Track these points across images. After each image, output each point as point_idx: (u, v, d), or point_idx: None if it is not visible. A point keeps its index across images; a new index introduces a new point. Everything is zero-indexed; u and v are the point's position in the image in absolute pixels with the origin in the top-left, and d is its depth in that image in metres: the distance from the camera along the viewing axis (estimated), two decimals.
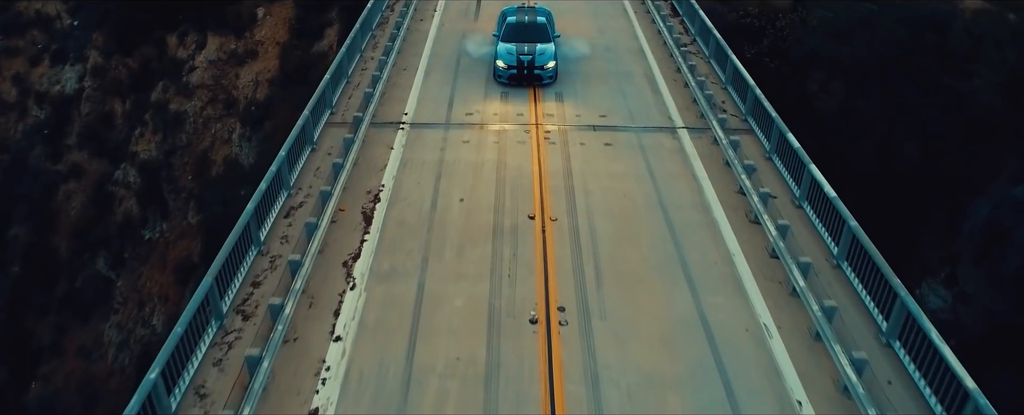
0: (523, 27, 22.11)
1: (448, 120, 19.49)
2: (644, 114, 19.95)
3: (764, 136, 18.23)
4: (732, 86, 21.12)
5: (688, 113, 20.02)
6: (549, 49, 21.52)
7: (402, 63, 23.06)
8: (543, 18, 22.67)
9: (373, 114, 19.39)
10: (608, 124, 19.33)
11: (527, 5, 24.23)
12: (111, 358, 40.85)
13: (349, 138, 17.41)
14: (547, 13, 23.46)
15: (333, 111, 19.66)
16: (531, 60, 21.07)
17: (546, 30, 22.12)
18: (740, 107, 19.96)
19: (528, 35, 21.87)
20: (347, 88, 21.16)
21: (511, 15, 22.91)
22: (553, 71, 21.35)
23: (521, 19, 22.44)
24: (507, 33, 22.04)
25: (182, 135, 41.85)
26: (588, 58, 23.21)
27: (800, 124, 27.24)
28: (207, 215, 33.62)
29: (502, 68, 21.23)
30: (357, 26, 23.31)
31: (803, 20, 28.10)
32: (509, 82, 21.22)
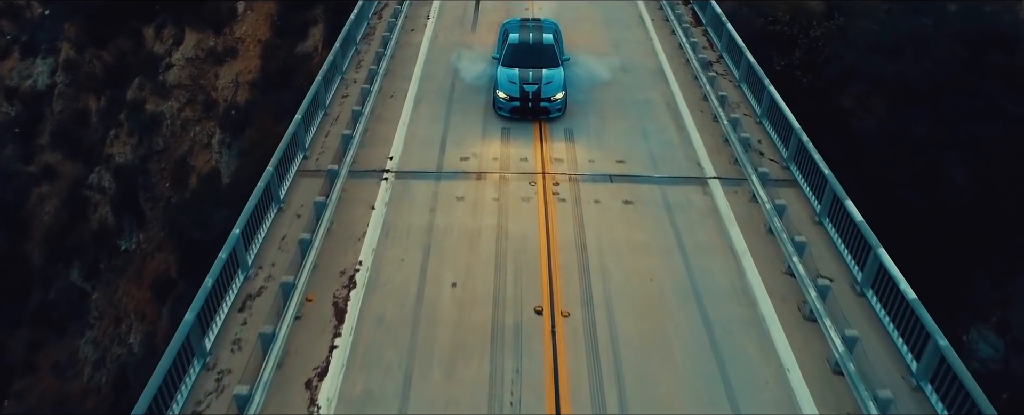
0: (527, 49, 19.17)
1: (440, 167, 16.68)
2: (669, 159, 17.13)
3: (812, 192, 15.46)
4: (769, 120, 18.28)
5: (719, 157, 17.20)
6: (557, 76, 18.62)
7: (389, 87, 20.17)
8: (549, 35, 19.71)
9: (353, 160, 16.61)
10: (627, 173, 16.52)
11: (531, 19, 21.25)
12: (87, 376, 38.47)
13: (321, 201, 14.63)
14: (554, 28, 20.51)
15: (306, 155, 16.86)
16: (536, 91, 18.20)
17: (553, 52, 19.21)
18: (780, 150, 17.14)
19: (533, 58, 18.95)
20: (325, 122, 18.32)
21: (513, 31, 19.96)
22: (561, 103, 18.48)
23: (525, 38, 19.50)
24: (509, 56, 19.13)
25: (159, 139, 39.01)
26: (602, 83, 20.27)
27: (833, 143, 24.55)
28: (180, 244, 30.88)
29: (503, 100, 18.36)
30: (338, 44, 20.39)
31: (841, 29, 25.09)
32: (511, 115, 18.38)
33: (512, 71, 18.67)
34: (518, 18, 21.34)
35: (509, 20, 21.47)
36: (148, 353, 35.14)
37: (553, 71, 18.71)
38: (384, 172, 16.44)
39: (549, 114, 18.29)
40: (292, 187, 15.75)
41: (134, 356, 36.10)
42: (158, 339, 34.90)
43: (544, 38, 19.49)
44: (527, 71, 18.59)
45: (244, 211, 13.49)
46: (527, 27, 20.04)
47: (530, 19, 21.23)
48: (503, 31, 20.61)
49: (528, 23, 20.67)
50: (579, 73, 20.31)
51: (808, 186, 15.65)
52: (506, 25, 20.92)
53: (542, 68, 18.69)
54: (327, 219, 14.39)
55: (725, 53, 22.24)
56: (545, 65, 18.82)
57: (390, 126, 18.30)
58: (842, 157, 23.30)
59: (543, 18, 21.52)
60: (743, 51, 20.16)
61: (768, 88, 18.11)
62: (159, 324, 34.63)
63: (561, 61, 19.21)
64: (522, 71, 18.58)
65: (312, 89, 17.97)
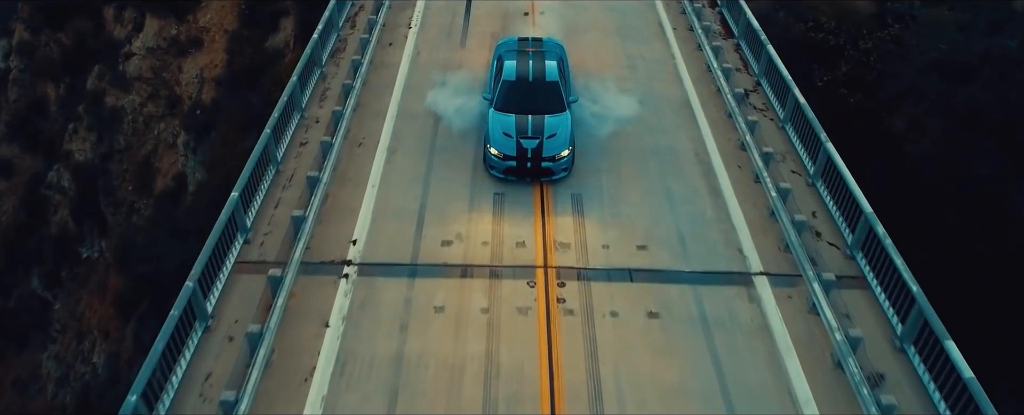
0: (526, 89, 15.52)
1: (415, 256, 13.25)
2: (702, 240, 13.69)
3: (887, 298, 12.11)
4: (825, 182, 14.79)
5: (766, 238, 13.76)
6: (563, 126, 15.04)
7: (358, 130, 16.58)
8: (553, 64, 16.04)
9: (306, 245, 13.19)
10: (651, 267, 13.09)
11: (531, 39, 17.51)
12: (50, 394, 35.65)
13: (255, 332, 11.25)
14: (559, 54, 16.80)
15: (248, 239, 13.44)
16: (537, 147, 14.65)
17: (559, 92, 15.55)
18: (843, 232, 13.71)
19: (533, 101, 15.34)
20: (276, 185, 14.83)
21: (508, 57, 16.31)
22: (568, 161, 14.93)
23: (523, 71, 15.80)
24: (503, 97, 15.51)
25: (120, 136, 35.39)
26: (618, 123, 16.58)
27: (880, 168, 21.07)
28: (129, 277, 27.58)
29: (496, 158, 14.83)
30: (296, 75, 16.70)
31: (895, 39, 21.32)
32: (506, 175, 14.89)
33: (507, 119, 15.07)
34: (515, 38, 17.59)
35: (504, 41, 17.72)
36: (111, 375, 32.36)
37: (558, 119, 15.10)
38: (345, 266, 13.02)
39: (552, 175, 14.79)
40: (226, 290, 12.37)
41: (98, 378, 33.32)
42: (122, 362, 32.05)
43: (547, 70, 15.80)
44: (525, 118, 14.99)
45: (153, 351, 10.20)
46: (526, 55, 16.32)
47: (530, 39, 17.50)
48: (496, 57, 16.90)
49: (527, 45, 16.96)
50: (591, 109, 16.65)
51: (884, 293, 12.27)
52: (500, 48, 17.18)
53: (544, 114, 15.09)
54: (264, 353, 11.05)
55: (763, 78, 18.57)
56: (548, 109, 15.22)
57: (356, 190, 14.80)
58: (888, 187, 19.93)
59: (545, 38, 17.77)
60: (790, 87, 16.50)
61: (825, 146, 14.55)
62: (123, 345, 31.70)
63: (568, 103, 15.59)
64: (519, 119, 14.99)
65: (260, 143, 14.43)
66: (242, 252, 13.16)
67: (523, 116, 15.04)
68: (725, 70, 18.34)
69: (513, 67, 15.93)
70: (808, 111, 15.58)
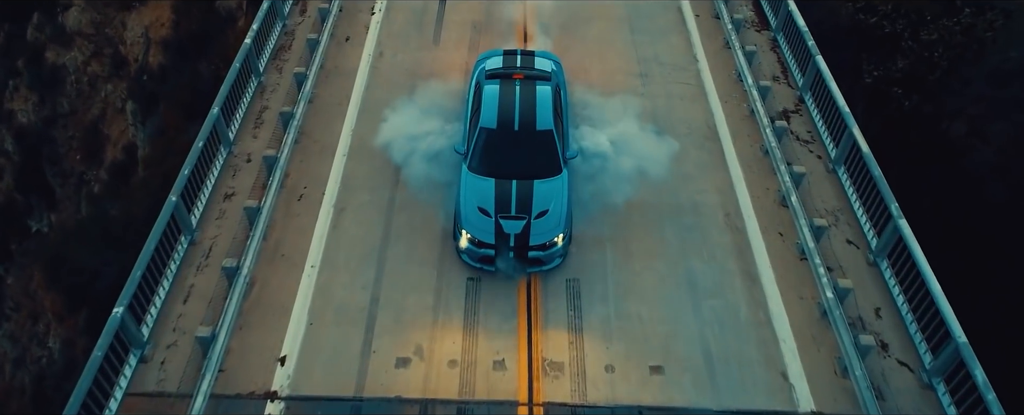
0: (511, 141, 11.85)
1: (361, 383, 10.09)
2: (734, 361, 10.49)
3: None
4: (889, 263, 11.56)
5: (819, 354, 10.62)
6: (557, 197, 11.41)
7: (298, 174, 13.11)
8: (548, 97, 12.38)
9: (219, 369, 10.06)
10: (668, 405, 9.98)
11: (520, 53, 13.81)
12: (8, 375, 33.25)
13: None
14: (556, 81, 13.03)
15: (144, 355, 10.29)
16: (523, 232, 11.07)
17: (552, 145, 11.85)
18: (917, 345, 10.57)
19: (520, 160, 11.69)
20: (189, 261, 11.56)
21: (490, 87, 12.61)
22: (562, 248, 11.41)
23: (507, 111, 12.10)
24: (481, 154, 11.84)
25: (63, 99, 31.57)
26: (626, 170, 13.06)
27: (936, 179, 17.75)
28: (61, 291, 24.47)
29: (470, 246, 11.28)
30: (217, 106, 13.06)
31: (966, 31, 17.47)
32: (482, 263, 11.54)
33: (484, 185, 11.54)
34: (500, 52, 13.84)
35: (485, 56, 13.95)
36: (67, 364, 29.89)
37: (552, 186, 11.55)
38: (268, 401, 9.92)
39: (542, 266, 11.44)
40: None
41: (54, 364, 30.88)
42: (78, 350, 29.51)
43: (538, 112, 12.12)
44: (508, 186, 11.46)
45: None
46: (512, 84, 12.60)
47: (518, 53, 13.77)
48: (475, 83, 13.20)
49: (514, 63, 13.26)
50: (593, 153, 13.00)
51: None
52: (481, 66, 13.45)
53: (533, 179, 11.59)
54: None
55: (808, 92, 14.95)
56: (539, 171, 11.67)
57: (290, 274, 11.50)
58: (947, 200, 16.69)
59: (538, 52, 14.04)
60: (847, 123, 12.95)
61: (898, 225, 11.19)
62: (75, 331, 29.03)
63: (564, 161, 12.00)
64: (500, 187, 11.47)
65: (166, 211, 11.08)
66: (135, 380, 10.05)
67: (505, 183, 11.48)
68: (761, 88, 14.67)
69: (494, 105, 12.22)
70: (873, 166, 12.12)
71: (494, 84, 12.64)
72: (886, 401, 10.00)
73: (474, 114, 12.48)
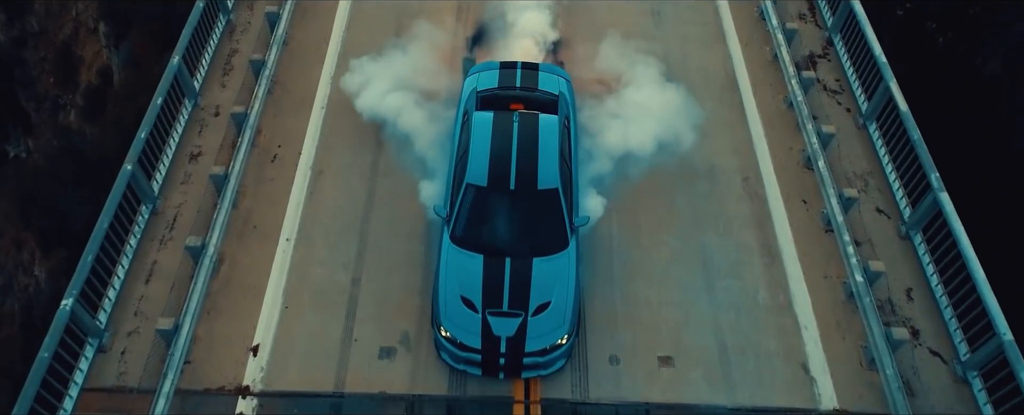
0: (506, 205, 9.41)
1: (341, 376, 9.16)
2: (752, 353, 9.53)
3: None
4: (924, 237, 10.50)
5: (844, 344, 9.68)
6: (562, 283, 9.00)
7: (272, 132, 11.79)
8: (553, 132, 9.86)
9: (185, 361, 9.14)
10: (677, 401, 9.11)
11: (519, 68, 11.20)
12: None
13: None
14: (564, 113, 10.42)
15: (103, 344, 9.34)
16: (517, 334, 8.77)
17: (558, 209, 9.35)
18: (952, 334, 9.65)
19: (516, 230, 9.36)
20: (151, 234, 10.47)
21: (481, 124, 9.94)
22: (566, 350, 9.05)
23: (500, 161, 9.52)
24: (467, 219, 9.38)
25: (32, 18, 29.50)
26: (658, 148, 11.41)
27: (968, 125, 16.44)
28: (36, 227, 23.26)
29: (451, 348, 8.97)
30: (183, 47, 11.65)
31: None
32: (467, 366, 9.14)
33: (470, 263, 9.08)
34: (496, 65, 11.26)
35: (477, 70, 11.29)
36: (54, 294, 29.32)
37: (555, 265, 9.09)
38: (239, 398, 9.04)
39: (540, 371, 9.10)
40: None
41: (41, 294, 30.22)
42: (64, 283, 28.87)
43: (541, 159, 9.53)
44: (499, 267, 9.03)
45: None
46: (508, 118, 9.95)
47: (518, 67, 11.14)
48: (462, 112, 10.63)
49: (513, 82, 10.84)
50: (608, 121, 11.45)
51: None
52: (471, 93, 10.70)
53: (532, 256, 9.13)
54: None
55: (837, 34, 13.44)
56: (540, 246, 9.21)
57: (263, 250, 10.39)
58: (978, 149, 15.46)
59: (543, 65, 11.45)
60: (883, 75, 11.58)
61: (938, 199, 10.05)
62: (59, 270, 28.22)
63: (572, 231, 9.42)
64: (490, 268, 9.03)
65: (120, 182, 9.93)
66: (93, 373, 9.13)
67: (496, 262, 9.04)
68: (787, 32, 13.15)
69: (485, 152, 9.58)
70: (911, 128, 10.86)
71: (486, 117, 10.02)
72: (916, 397, 9.15)
73: (461, 160, 9.80)
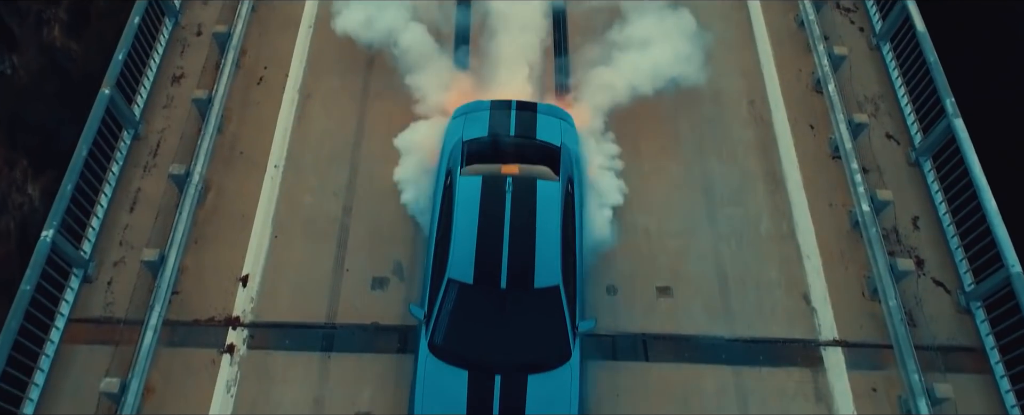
0: (496, 306, 7.78)
1: (333, 307, 9.00)
2: (752, 282, 9.35)
3: None
4: (934, 166, 10.18)
5: (846, 273, 9.49)
6: (563, 403, 7.59)
7: (258, 52, 11.23)
8: (555, 205, 8.19)
9: (172, 291, 8.94)
10: (676, 332, 8.96)
11: (513, 109, 9.26)
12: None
13: None
14: (567, 174, 8.68)
15: (89, 275, 9.14)
16: None
17: (559, 310, 7.74)
18: (961, 275, 9.44)
19: (507, 341, 7.78)
20: (133, 160, 10.15)
21: (467, 188, 8.33)
22: None
23: (489, 246, 7.88)
24: (448, 326, 7.78)
25: None
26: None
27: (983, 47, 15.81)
28: (21, 148, 22.71)
29: None
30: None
31: None
32: None
33: (452, 383, 7.57)
34: (486, 105, 9.29)
35: (466, 111, 9.31)
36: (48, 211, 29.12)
37: (554, 383, 7.62)
38: (229, 328, 8.88)
39: None
40: (58, 368, 8.43)
41: (36, 212, 30.01)
42: None
43: (539, 247, 7.89)
44: (487, 385, 7.50)
45: None
46: (500, 184, 8.23)
47: (512, 109, 9.18)
48: (445, 170, 8.79)
49: (506, 131, 8.98)
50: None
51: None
52: (456, 145, 8.85)
53: (527, 371, 7.61)
54: None
55: (885, 43, 12.58)
56: (537, 359, 7.71)
57: (251, 177, 10.06)
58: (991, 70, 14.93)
59: (542, 107, 9.38)
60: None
61: (953, 124, 9.65)
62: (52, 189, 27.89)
63: (575, 338, 7.83)
64: (476, 386, 7.53)
65: (99, 107, 9.54)
66: (79, 304, 8.95)
67: (483, 379, 7.50)
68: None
69: (471, 237, 7.91)
70: (928, 50, 10.33)
71: (474, 184, 8.25)
72: (917, 327, 9.01)
73: (442, 241, 8.08)
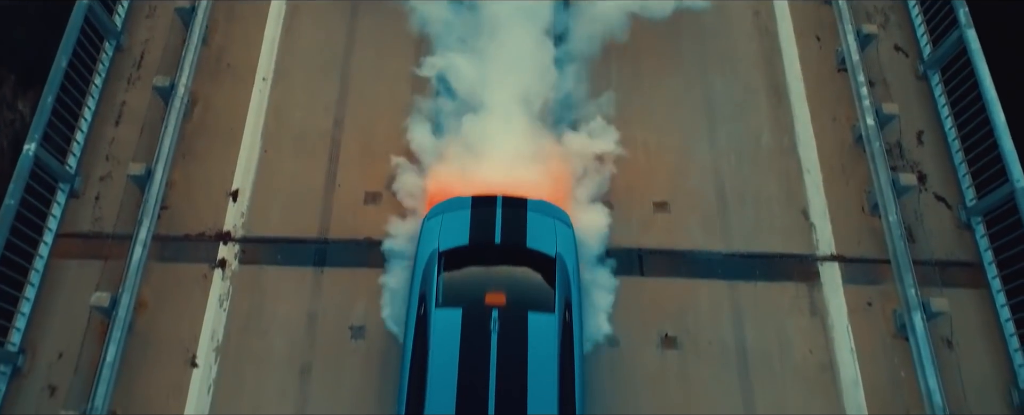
0: None
1: (324, 225, 8.90)
2: (751, 197, 9.22)
3: None
4: (940, 75, 9.89)
5: (847, 189, 9.33)
6: None
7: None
8: (551, 347, 6.97)
9: (157, 212, 8.81)
10: (673, 247, 8.89)
11: (499, 207, 7.91)
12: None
13: None
14: (564, 294, 7.32)
15: (76, 189, 8.99)
16: None
17: None
18: (964, 190, 9.27)
19: None
20: (117, 72, 9.84)
21: (443, 315, 7.13)
22: None
23: (472, 392, 6.75)
24: None
25: None
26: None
27: None
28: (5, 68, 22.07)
29: None
30: None
31: None
32: None
33: None
34: (468, 200, 7.99)
35: (442, 211, 7.96)
36: None
37: None
38: (220, 243, 8.77)
39: None
40: (48, 283, 8.40)
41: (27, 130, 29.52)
42: None
43: (531, 399, 6.76)
44: None
45: None
46: (484, 323, 7.06)
47: (498, 205, 7.92)
48: (418, 293, 7.37)
49: (490, 229, 7.73)
50: None
51: None
52: (431, 256, 7.52)
53: None
54: None
55: None
56: None
57: (238, 90, 9.79)
58: None
59: (532, 203, 8.00)
60: None
61: (965, 35, 9.30)
62: None
63: None
64: None
65: (77, 15, 9.20)
66: (67, 219, 8.83)
67: None
68: None
69: (451, 383, 6.80)
70: None
71: (451, 320, 7.04)
72: (916, 243, 8.90)
73: (415, 381, 6.86)
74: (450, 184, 8.67)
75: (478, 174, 8.69)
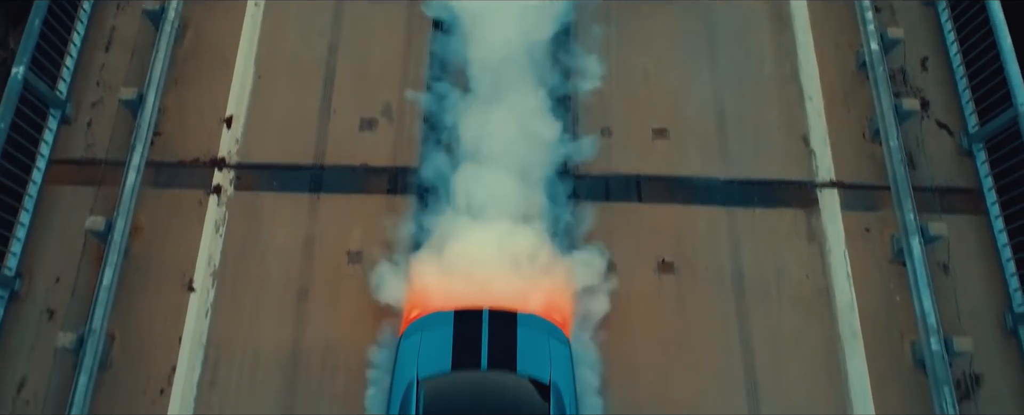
0: None
1: (319, 151, 8.81)
2: (751, 123, 9.10)
3: None
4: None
5: (849, 115, 9.20)
6: None
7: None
8: None
9: (152, 135, 8.70)
10: (672, 174, 8.81)
11: (485, 331, 6.91)
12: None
13: None
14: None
15: (68, 115, 8.86)
16: None
17: None
18: (966, 117, 9.16)
19: None
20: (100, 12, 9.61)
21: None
22: None
23: None
24: None
25: None
26: None
27: None
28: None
29: None
30: None
31: None
32: None
33: None
34: (450, 315, 7.09)
35: (419, 329, 7.10)
36: None
37: None
38: (215, 169, 8.69)
39: None
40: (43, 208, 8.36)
41: None
42: None
43: None
44: None
45: None
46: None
47: (484, 320, 6.98)
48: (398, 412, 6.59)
49: (476, 356, 6.72)
50: None
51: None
52: (408, 389, 6.58)
53: None
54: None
55: None
56: None
57: (228, 13, 9.55)
58: None
59: (523, 315, 7.18)
60: None
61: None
62: None
63: None
64: None
65: None
66: (59, 145, 8.73)
67: None
68: None
69: None
70: None
71: None
72: (917, 169, 8.84)
73: None
74: None
75: None
